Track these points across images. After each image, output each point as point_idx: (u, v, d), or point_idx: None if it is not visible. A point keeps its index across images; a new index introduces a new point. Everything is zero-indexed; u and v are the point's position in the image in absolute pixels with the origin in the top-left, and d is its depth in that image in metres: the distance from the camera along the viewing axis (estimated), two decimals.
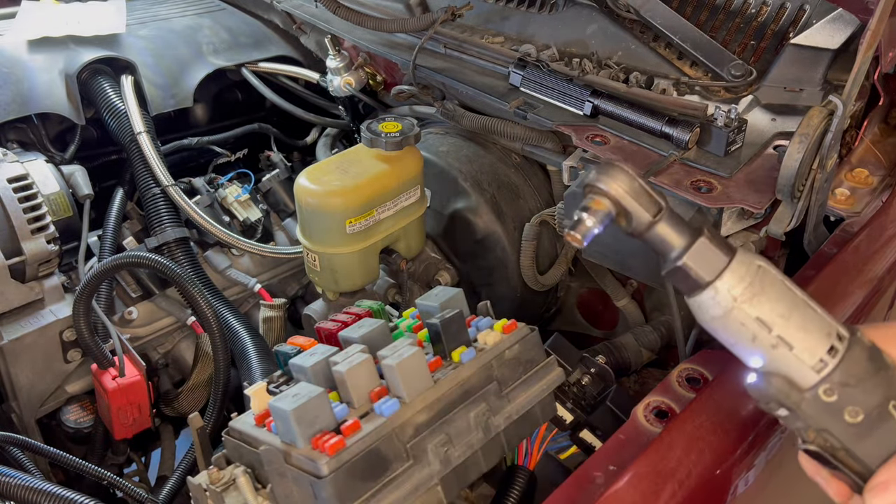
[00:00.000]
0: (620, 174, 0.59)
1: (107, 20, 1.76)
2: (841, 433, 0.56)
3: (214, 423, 1.30)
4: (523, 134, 1.34)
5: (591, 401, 1.08)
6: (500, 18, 1.45)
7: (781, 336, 0.55)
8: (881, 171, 1.18)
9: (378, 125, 1.29)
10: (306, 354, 0.83)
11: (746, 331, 0.56)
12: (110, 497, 1.38)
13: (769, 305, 0.55)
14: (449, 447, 0.77)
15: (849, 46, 1.13)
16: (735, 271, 0.56)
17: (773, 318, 0.55)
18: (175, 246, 1.49)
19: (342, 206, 1.22)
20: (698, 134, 1.10)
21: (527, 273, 1.40)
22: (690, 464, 0.75)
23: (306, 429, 0.71)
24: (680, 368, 0.90)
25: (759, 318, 0.55)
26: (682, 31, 1.23)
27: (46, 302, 1.37)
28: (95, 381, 1.36)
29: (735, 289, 0.55)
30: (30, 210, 1.36)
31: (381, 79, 1.67)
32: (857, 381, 0.55)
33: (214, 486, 0.76)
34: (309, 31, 1.83)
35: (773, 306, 0.55)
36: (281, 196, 1.77)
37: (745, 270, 0.56)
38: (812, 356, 0.55)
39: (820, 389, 0.55)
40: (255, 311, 1.58)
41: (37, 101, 1.56)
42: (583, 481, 0.75)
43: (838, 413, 0.55)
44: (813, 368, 0.55)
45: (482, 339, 0.86)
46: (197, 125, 1.91)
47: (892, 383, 0.55)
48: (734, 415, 0.80)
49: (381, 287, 1.41)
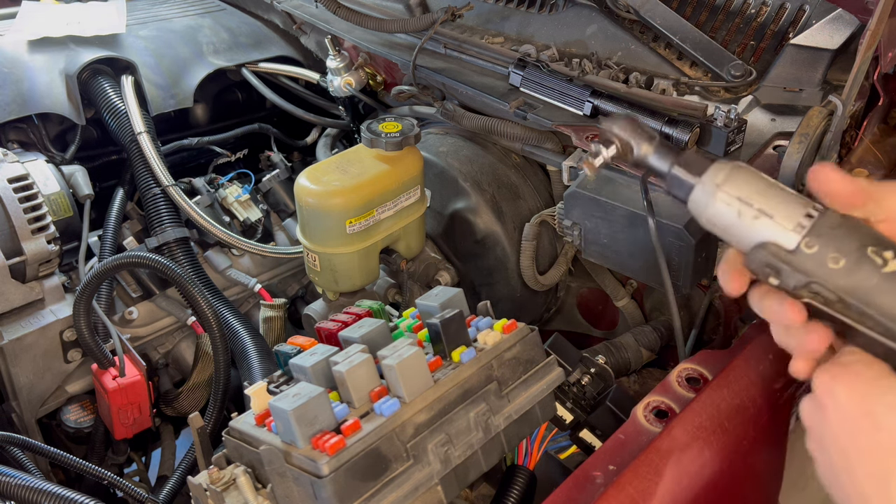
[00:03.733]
0: (623, 120, 0.73)
1: (107, 20, 1.76)
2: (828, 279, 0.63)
3: (214, 423, 1.30)
4: (523, 134, 1.34)
5: (590, 401, 1.08)
6: (500, 18, 1.45)
7: (762, 209, 0.65)
8: (881, 171, 1.18)
9: (378, 125, 1.29)
10: (306, 354, 0.83)
11: (732, 210, 0.66)
12: (110, 497, 1.38)
13: (747, 186, 0.66)
14: (449, 447, 0.77)
15: (848, 46, 1.13)
16: (716, 167, 0.68)
17: (751, 195, 0.65)
18: (175, 246, 1.49)
19: (342, 206, 1.22)
20: (698, 134, 1.10)
21: (527, 273, 1.40)
22: (691, 464, 0.75)
23: (306, 429, 0.72)
24: (680, 368, 0.90)
25: (740, 197, 0.66)
26: (681, 32, 1.23)
27: (47, 302, 1.37)
28: (96, 381, 1.36)
29: (717, 177, 0.67)
30: (30, 210, 1.36)
31: (381, 79, 1.67)
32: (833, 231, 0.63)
33: (215, 485, 0.76)
34: (309, 31, 1.83)
35: (752, 187, 0.66)
36: (281, 196, 1.77)
37: (724, 166, 0.67)
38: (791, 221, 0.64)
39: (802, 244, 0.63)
40: (255, 311, 1.58)
41: (37, 101, 1.57)
42: (583, 481, 0.75)
43: (822, 261, 0.63)
44: (794, 231, 0.64)
45: (482, 339, 0.86)
46: (197, 125, 1.91)
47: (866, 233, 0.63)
48: (734, 415, 0.80)
49: (381, 287, 1.41)
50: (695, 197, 0.69)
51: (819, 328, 0.66)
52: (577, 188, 1.14)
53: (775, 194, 0.66)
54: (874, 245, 0.62)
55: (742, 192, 0.66)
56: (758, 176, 0.67)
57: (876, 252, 0.62)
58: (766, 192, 0.66)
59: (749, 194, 0.66)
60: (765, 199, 0.65)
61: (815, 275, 0.63)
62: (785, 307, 0.66)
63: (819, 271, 0.63)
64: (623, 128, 0.73)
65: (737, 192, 0.66)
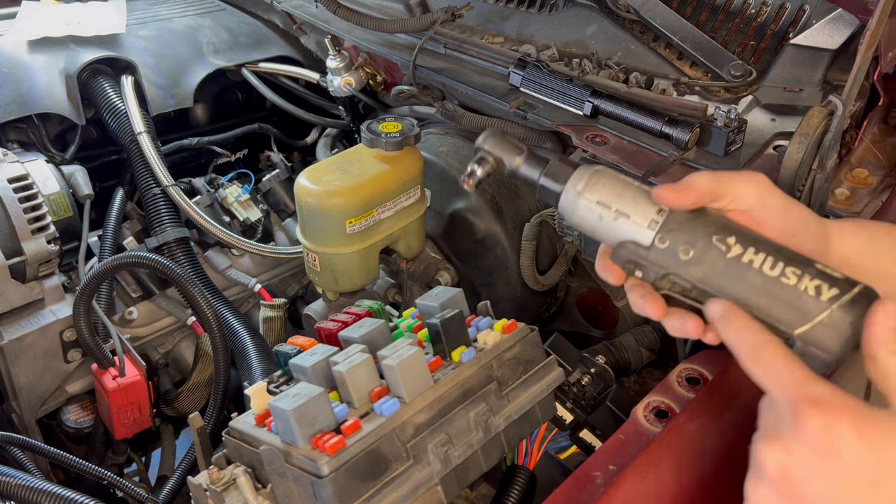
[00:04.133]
0: (494, 136, 0.77)
1: (107, 20, 1.76)
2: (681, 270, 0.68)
3: (214, 423, 1.30)
4: (523, 134, 1.34)
5: (591, 401, 1.08)
6: (500, 18, 1.45)
7: (619, 209, 0.70)
8: (881, 171, 1.18)
9: (378, 125, 1.29)
10: (306, 354, 0.83)
11: (594, 213, 0.71)
12: (110, 497, 1.38)
13: (605, 191, 0.70)
14: (449, 447, 0.77)
15: (848, 46, 1.13)
16: (577, 175, 0.72)
17: (609, 198, 0.70)
18: (175, 246, 1.49)
19: (342, 206, 1.22)
20: (698, 134, 1.10)
21: (527, 273, 1.40)
22: (691, 464, 0.75)
23: (306, 429, 0.71)
24: (680, 368, 0.90)
25: (599, 201, 0.70)
26: (682, 32, 1.23)
27: (47, 302, 1.37)
28: (95, 381, 1.36)
29: (578, 185, 0.71)
30: (30, 210, 1.36)
31: (381, 79, 1.67)
32: (681, 225, 0.68)
33: (214, 486, 0.76)
34: (309, 31, 1.83)
35: (609, 191, 0.70)
36: (281, 196, 1.77)
37: (584, 173, 0.72)
38: (645, 219, 0.69)
39: (656, 240, 0.68)
40: (255, 311, 1.58)
41: (37, 101, 1.57)
42: (583, 481, 0.75)
43: (674, 254, 0.67)
44: (648, 228, 0.69)
45: (482, 339, 0.86)
46: (197, 125, 1.91)
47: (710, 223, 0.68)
48: (734, 415, 0.80)
49: (381, 287, 1.41)
50: (561, 204, 0.73)
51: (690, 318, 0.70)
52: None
53: (631, 195, 0.70)
54: (718, 233, 0.67)
55: (601, 196, 0.70)
56: (615, 178, 0.71)
57: (720, 239, 0.66)
58: (623, 194, 0.70)
59: (607, 197, 0.70)
60: (621, 201, 0.70)
61: (670, 267, 0.68)
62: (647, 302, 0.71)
63: (673, 264, 0.68)
64: (493, 145, 0.77)
65: (596, 196, 0.71)
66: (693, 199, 0.68)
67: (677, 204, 0.68)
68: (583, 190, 0.71)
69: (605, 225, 0.71)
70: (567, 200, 0.72)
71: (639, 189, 0.71)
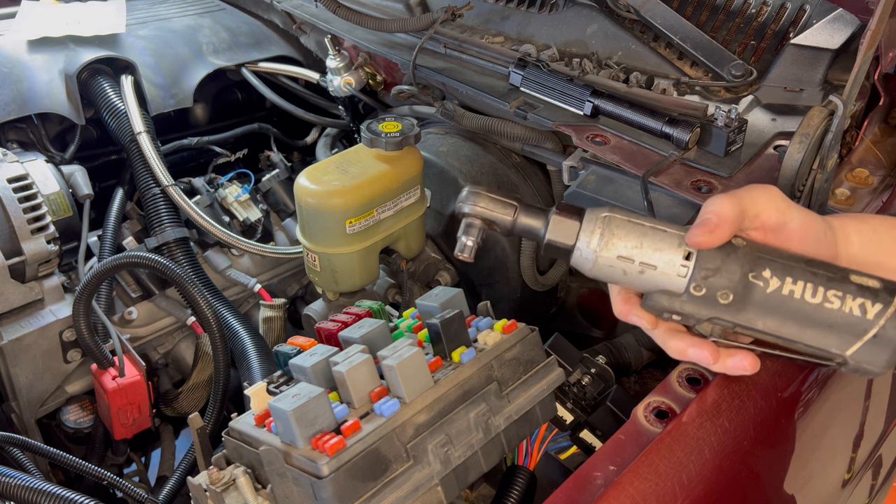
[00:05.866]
0: (475, 195, 0.71)
1: (107, 20, 1.76)
2: (723, 314, 0.66)
3: (214, 423, 1.30)
4: (523, 134, 1.34)
5: (591, 401, 1.08)
6: (500, 18, 1.45)
7: (644, 262, 0.66)
8: (881, 171, 1.18)
9: (378, 125, 1.29)
10: (306, 354, 0.82)
11: (616, 270, 0.67)
12: (110, 497, 1.38)
13: (622, 243, 0.66)
14: (449, 447, 0.77)
15: (849, 46, 1.13)
16: (586, 229, 0.67)
17: (629, 251, 0.66)
18: (175, 246, 1.49)
19: (342, 206, 1.22)
20: (698, 134, 1.09)
21: (527, 273, 1.40)
22: (691, 464, 0.75)
23: (306, 429, 0.71)
24: (680, 368, 0.90)
25: (620, 255, 0.66)
26: (682, 31, 1.23)
27: (46, 302, 1.37)
28: (95, 381, 1.36)
29: (592, 242, 0.67)
30: (30, 210, 1.36)
31: (381, 79, 1.67)
32: (715, 271, 0.65)
33: (214, 486, 0.76)
34: (309, 31, 1.83)
35: (627, 242, 0.66)
36: (281, 196, 1.77)
37: (595, 225, 0.67)
38: (673, 267, 0.66)
39: (691, 288, 0.66)
40: (255, 311, 1.58)
41: (37, 101, 1.56)
42: (583, 481, 0.75)
43: (713, 300, 0.65)
44: (679, 275, 0.66)
45: (482, 339, 0.86)
46: (197, 125, 1.91)
47: (743, 260, 0.66)
48: (734, 415, 0.80)
49: (381, 287, 1.41)
50: (576, 262, 0.69)
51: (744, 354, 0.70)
52: (578, 188, 1.14)
53: (650, 242, 0.66)
54: (753, 269, 0.65)
55: (619, 250, 0.66)
56: (630, 225, 0.67)
57: (756, 276, 0.65)
58: (643, 242, 0.66)
59: (627, 250, 0.66)
60: (643, 252, 0.66)
61: (711, 312, 0.66)
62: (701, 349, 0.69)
63: (713, 309, 0.66)
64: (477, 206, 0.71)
65: (615, 251, 0.66)
66: (726, 235, 0.66)
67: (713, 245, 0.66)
68: (598, 246, 0.67)
69: (630, 279, 0.67)
70: (582, 259, 0.68)
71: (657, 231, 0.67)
